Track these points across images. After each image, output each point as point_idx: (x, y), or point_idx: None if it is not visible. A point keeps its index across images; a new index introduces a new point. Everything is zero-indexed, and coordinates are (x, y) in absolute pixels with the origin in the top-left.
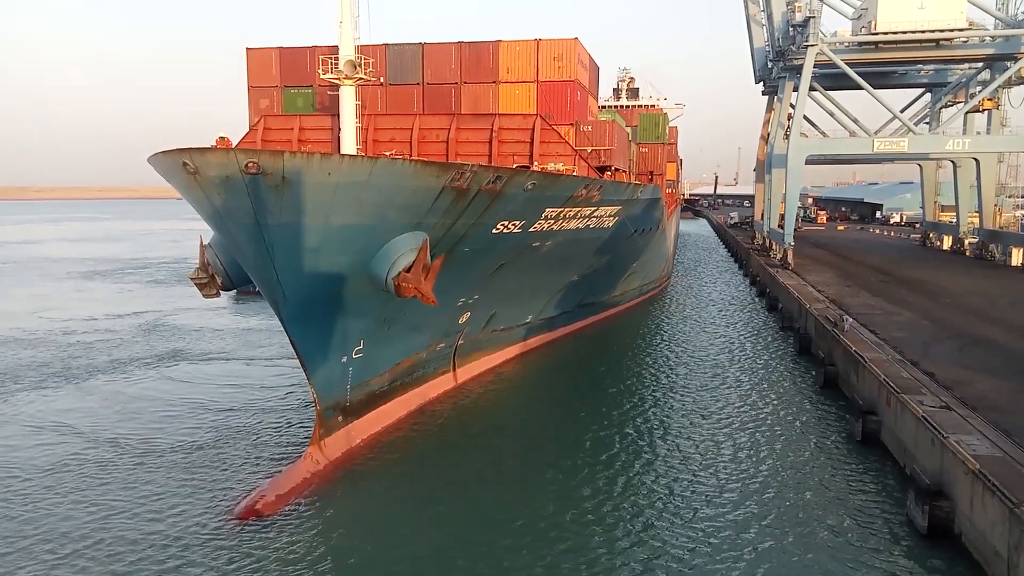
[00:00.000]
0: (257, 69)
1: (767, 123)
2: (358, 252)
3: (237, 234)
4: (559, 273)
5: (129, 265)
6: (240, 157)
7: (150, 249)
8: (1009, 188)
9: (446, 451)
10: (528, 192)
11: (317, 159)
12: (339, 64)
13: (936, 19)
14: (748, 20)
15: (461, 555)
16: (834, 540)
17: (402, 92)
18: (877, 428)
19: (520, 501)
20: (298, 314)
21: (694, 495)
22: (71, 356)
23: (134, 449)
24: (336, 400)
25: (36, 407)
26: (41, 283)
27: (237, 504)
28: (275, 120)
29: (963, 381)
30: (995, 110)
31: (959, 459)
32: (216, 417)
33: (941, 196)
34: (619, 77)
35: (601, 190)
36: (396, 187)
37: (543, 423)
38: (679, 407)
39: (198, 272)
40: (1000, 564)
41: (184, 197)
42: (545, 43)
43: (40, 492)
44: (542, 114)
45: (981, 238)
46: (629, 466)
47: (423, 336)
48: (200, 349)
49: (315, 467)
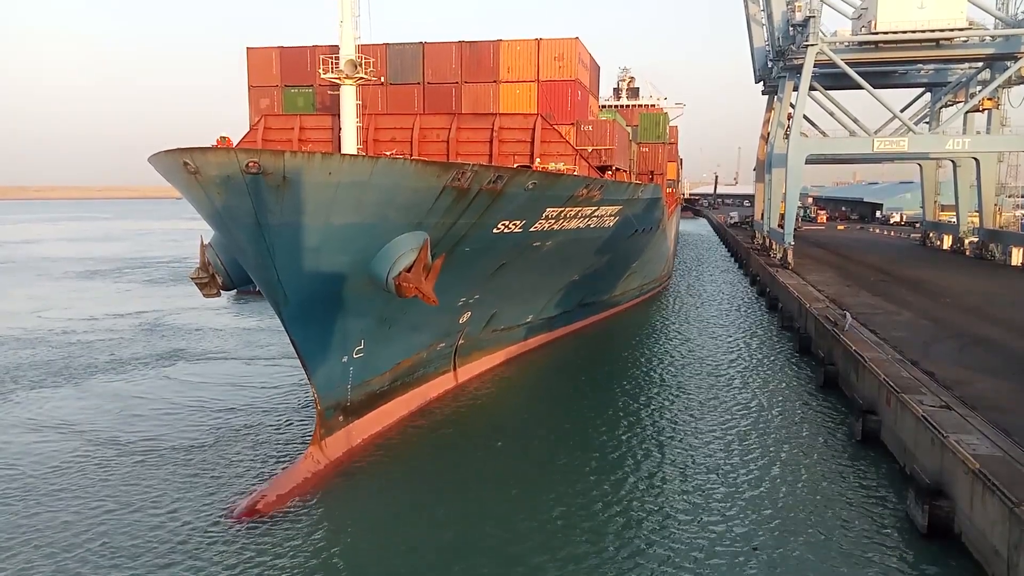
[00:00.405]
0: (257, 69)
1: (767, 123)
2: (359, 252)
3: (238, 234)
4: (560, 273)
5: (129, 265)
6: (241, 157)
7: (150, 249)
8: (1009, 188)
9: (447, 451)
10: (529, 192)
11: (318, 159)
12: (340, 64)
13: (936, 19)
14: (748, 20)
15: (462, 555)
16: (834, 539)
17: (403, 92)
18: (877, 427)
19: (521, 501)
20: (299, 314)
21: (694, 494)
22: (71, 356)
23: (134, 449)
24: (337, 400)
25: (36, 407)
26: (40, 283)
27: (237, 504)
28: (276, 120)
29: (963, 381)
30: (995, 110)
31: (959, 458)
32: (216, 417)
33: (941, 196)
34: (619, 77)
35: (602, 190)
36: (397, 187)
37: (544, 423)
38: (679, 407)
39: (198, 272)
40: (1000, 563)
41: (185, 197)
42: (546, 43)
43: (40, 492)
44: (543, 114)
45: (981, 238)
46: (629, 465)
47: (424, 336)
48: (200, 349)
49: (316, 467)
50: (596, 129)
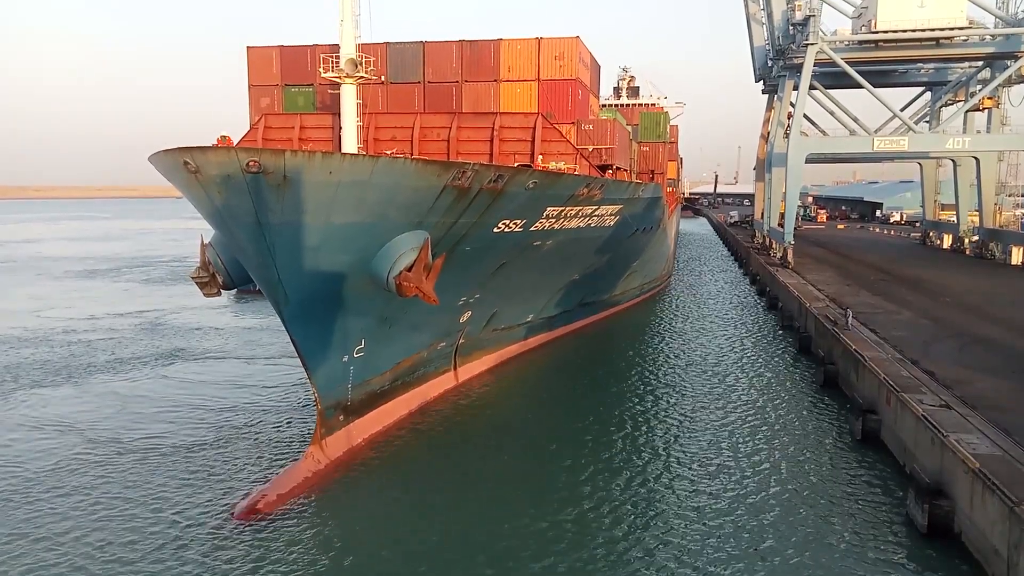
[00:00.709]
0: (258, 68)
1: (767, 122)
2: (359, 251)
3: (238, 233)
4: (560, 272)
5: (129, 264)
6: (241, 156)
7: (150, 248)
8: (1009, 187)
9: (447, 450)
10: (530, 191)
11: (319, 158)
12: (340, 63)
13: (936, 18)
14: (748, 19)
15: (462, 554)
16: (833, 539)
17: (403, 91)
18: (877, 427)
19: (521, 500)
20: (299, 313)
21: (694, 494)
22: (72, 355)
23: (135, 448)
24: (337, 399)
25: (36, 407)
26: (41, 282)
27: (238, 504)
28: (276, 119)
29: (963, 380)
30: (995, 109)
31: (959, 458)
32: (217, 416)
33: (941, 195)
34: (619, 76)
35: (603, 189)
36: (398, 186)
37: (544, 423)
38: (679, 407)
39: (199, 271)
40: (1000, 563)
41: (185, 196)
42: (546, 42)
43: (40, 491)
44: (543, 113)
45: (981, 237)
46: (629, 465)
47: (424, 335)
48: (201, 348)
49: (316, 466)
50: (597, 128)
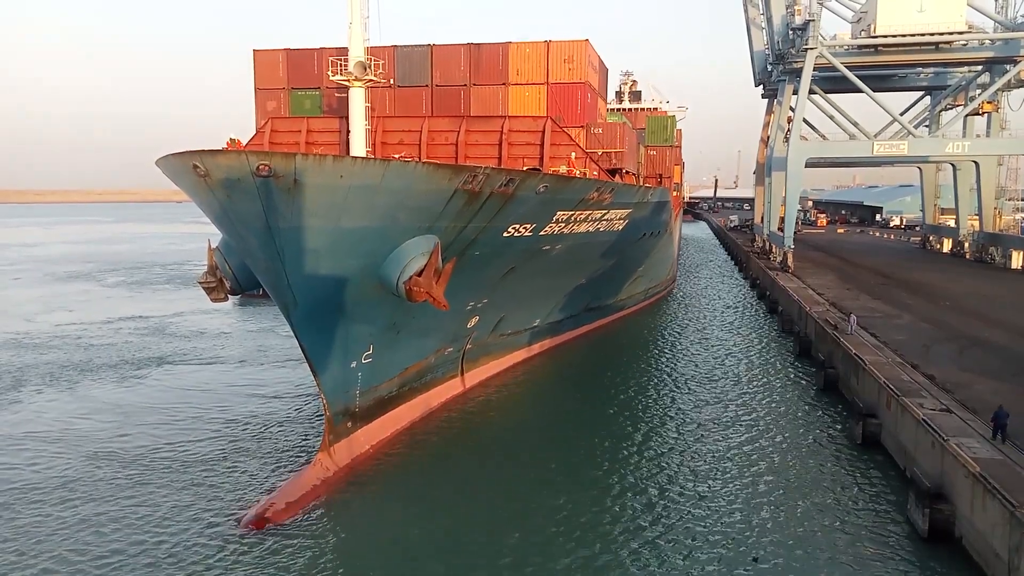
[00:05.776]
0: (264, 71)
1: (767, 126)
2: (369, 255)
3: (247, 237)
4: (567, 277)
5: (132, 268)
6: (251, 159)
7: (152, 252)
8: (1009, 191)
9: (454, 456)
10: (540, 195)
11: (329, 161)
12: (349, 66)
13: (935, 22)
14: (748, 23)
15: (470, 559)
16: (834, 542)
17: (411, 94)
18: (877, 431)
19: (529, 506)
20: (308, 318)
21: (697, 498)
22: (77, 361)
23: (142, 456)
24: (345, 405)
25: (42, 414)
26: (42, 286)
27: (247, 512)
28: (282, 122)
29: (963, 384)
30: (994, 113)
31: (959, 462)
32: (225, 423)
33: (941, 199)
34: (621, 80)
35: (613, 193)
36: (408, 190)
37: (550, 428)
38: (682, 412)
39: (206, 276)
40: (1000, 566)
41: (193, 200)
42: (555, 45)
43: (48, 499)
44: (552, 116)
45: (981, 241)
46: (634, 469)
47: (432, 341)
48: (208, 354)
49: (325, 473)
50: (606, 131)
